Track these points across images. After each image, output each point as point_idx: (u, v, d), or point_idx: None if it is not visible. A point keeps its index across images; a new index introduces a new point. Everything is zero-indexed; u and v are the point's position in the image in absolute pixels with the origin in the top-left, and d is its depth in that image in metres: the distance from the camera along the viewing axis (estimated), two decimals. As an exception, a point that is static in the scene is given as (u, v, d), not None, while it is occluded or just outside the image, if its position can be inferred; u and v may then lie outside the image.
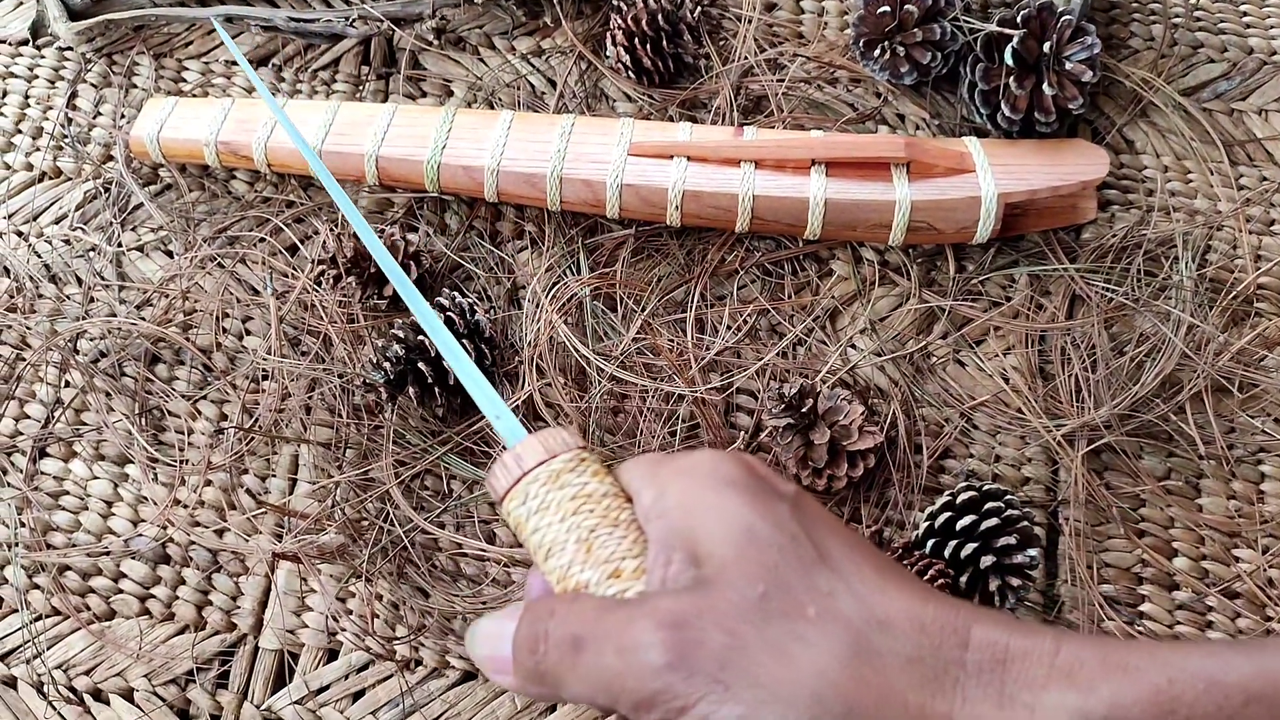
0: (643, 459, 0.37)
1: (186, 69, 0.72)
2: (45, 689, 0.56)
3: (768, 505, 0.33)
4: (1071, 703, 0.29)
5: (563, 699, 0.34)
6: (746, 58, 0.68)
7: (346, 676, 0.56)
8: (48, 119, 0.70)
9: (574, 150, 0.62)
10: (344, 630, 0.57)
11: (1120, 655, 0.30)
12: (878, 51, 0.66)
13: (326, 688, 0.56)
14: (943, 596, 0.32)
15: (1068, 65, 0.62)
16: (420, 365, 0.57)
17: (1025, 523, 0.54)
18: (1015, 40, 0.62)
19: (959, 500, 0.55)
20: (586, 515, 0.35)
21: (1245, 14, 0.70)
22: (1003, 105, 0.63)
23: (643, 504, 0.35)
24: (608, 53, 0.69)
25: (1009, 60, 0.62)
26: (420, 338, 0.57)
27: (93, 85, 0.71)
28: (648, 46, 0.66)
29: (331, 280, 0.62)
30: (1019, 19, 0.62)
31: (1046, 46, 0.62)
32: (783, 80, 0.68)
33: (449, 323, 0.58)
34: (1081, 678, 0.30)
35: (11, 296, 0.65)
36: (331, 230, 0.64)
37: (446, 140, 0.63)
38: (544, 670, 0.33)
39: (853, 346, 0.61)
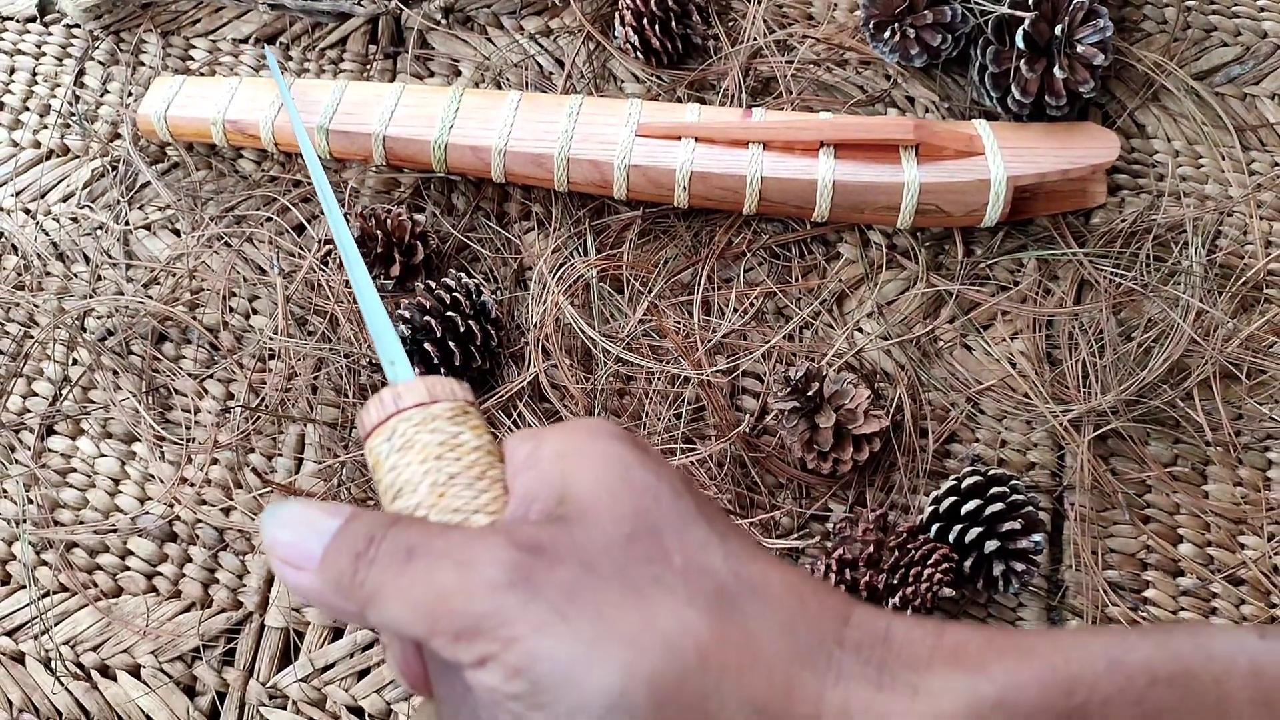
0: (526, 429, 0.33)
1: (194, 46, 0.72)
2: (53, 665, 0.57)
3: (651, 458, 0.30)
4: (960, 684, 0.26)
5: (364, 620, 0.29)
6: (755, 39, 0.68)
7: (351, 655, 0.56)
8: (55, 96, 0.70)
9: (581, 131, 0.61)
10: (349, 609, 0.57)
11: (1012, 639, 0.28)
12: (888, 33, 0.65)
13: (332, 665, 0.56)
14: (822, 581, 0.30)
15: (1079, 48, 0.62)
16: (426, 346, 0.57)
17: (1030, 508, 0.54)
18: (1026, 23, 0.61)
19: (964, 485, 0.54)
20: (450, 462, 0.32)
21: (1259, -3, 0.70)
22: (1013, 88, 0.62)
23: (515, 460, 0.32)
24: (616, 33, 0.69)
25: (1020, 43, 0.61)
26: (427, 318, 0.57)
27: (100, 63, 0.71)
28: (656, 27, 0.66)
29: (338, 260, 0.62)
30: (1031, 1, 0.61)
31: (1058, 29, 0.61)
32: (792, 62, 0.67)
33: (455, 304, 0.58)
34: (970, 658, 0.27)
35: (19, 274, 0.65)
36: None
37: (454, 120, 0.62)
38: (360, 579, 0.28)
39: (859, 330, 0.61)
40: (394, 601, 0.28)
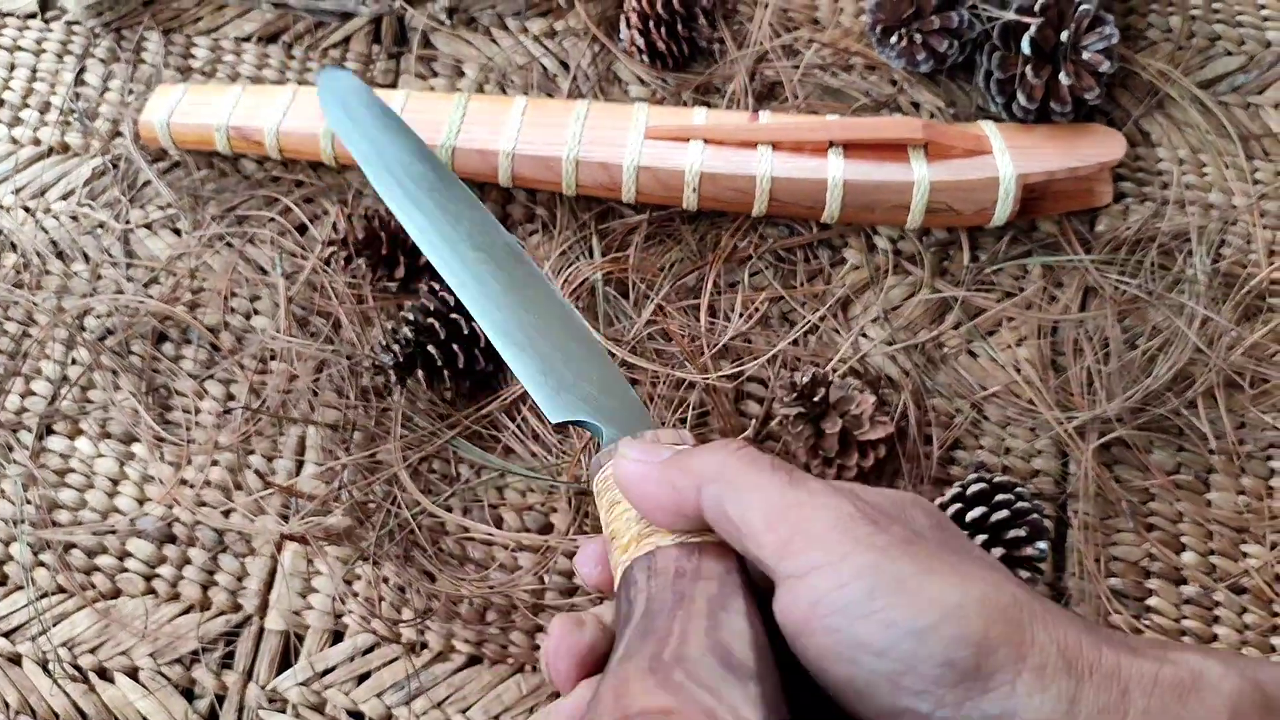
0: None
1: (195, 45, 0.71)
2: (50, 667, 0.56)
3: None
4: (1212, 665, 0.29)
5: (724, 483, 0.33)
6: (761, 43, 0.68)
7: (352, 659, 0.56)
8: (55, 94, 0.70)
9: (590, 134, 0.61)
10: (350, 612, 0.56)
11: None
12: (894, 39, 0.65)
13: (332, 669, 0.56)
14: None
15: (1085, 55, 0.62)
16: (430, 348, 0.56)
17: (1035, 515, 0.54)
18: (1033, 29, 0.61)
19: (969, 491, 0.54)
20: None
21: (1263, 7, 0.70)
22: (1019, 94, 0.62)
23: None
24: (621, 35, 0.68)
25: (1026, 49, 0.61)
26: (430, 320, 0.57)
27: (101, 60, 0.71)
28: (662, 30, 0.66)
29: (342, 261, 0.62)
30: (1037, 8, 0.61)
31: (1064, 36, 0.61)
32: (798, 66, 0.67)
33: (459, 306, 0.58)
34: (1210, 651, 0.31)
35: (18, 272, 0.64)
36: (342, 211, 0.63)
37: (461, 125, 0.62)
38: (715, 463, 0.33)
39: (864, 335, 0.61)
40: (740, 486, 0.32)
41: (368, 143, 0.56)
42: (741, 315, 0.61)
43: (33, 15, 0.73)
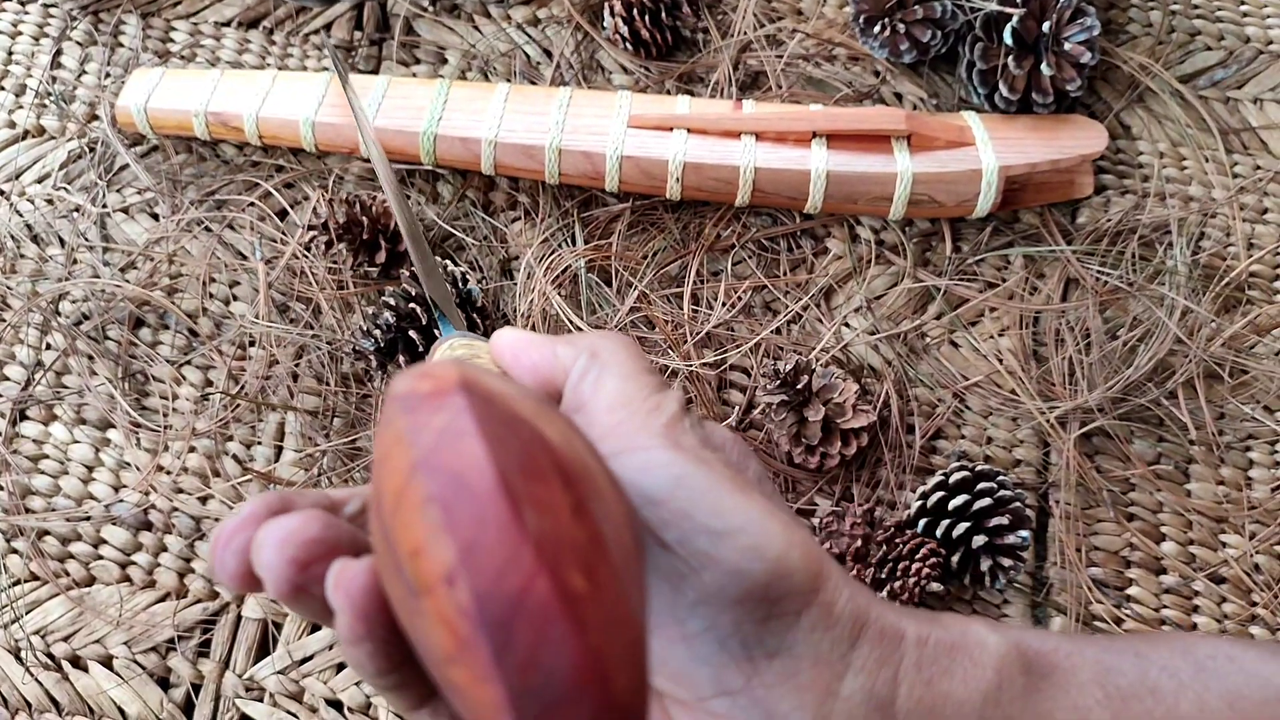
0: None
1: (174, 29, 0.70)
2: (23, 655, 0.55)
3: None
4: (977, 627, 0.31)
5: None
6: (745, 33, 0.68)
7: (330, 647, 0.55)
8: (31, 76, 0.69)
9: (572, 122, 0.61)
10: (329, 600, 0.56)
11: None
12: (878, 29, 0.65)
13: (310, 658, 0.55)
14: None
15: (1067, 46, 0.62)
16: (411, 333, 0.56)
17: (1018, 503, 0.54)
18: (1015, 20, 0.61)
19: (952, 480, 0.54)
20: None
21: (1242, 2, 0.70)
22: (1000, 85, 0.62)
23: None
24: (605, 24, 0.68)
25: (1008, 40, 0.62)
26: (412, 305, 0.57)
27: (78, 43, 0.70)
28: (646, 18, 0.65)
29: (322, 247, 0.61)
30: (1020, -1, 0.62)
31: (1046, 27, 0.61)
32: (781, 56, 0.67)
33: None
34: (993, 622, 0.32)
35: (-8, 256, 0.63)
36: (323, 196, 0.63)
37: (442, 112, 0.62)
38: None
39: (847, 325, 0.61)
40: (601, 372, 0.31)
41: None
42: (724, 304, 0.61)
43: (8, -3, 0.72)
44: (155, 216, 0.64)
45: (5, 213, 0.64)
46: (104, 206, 0.64)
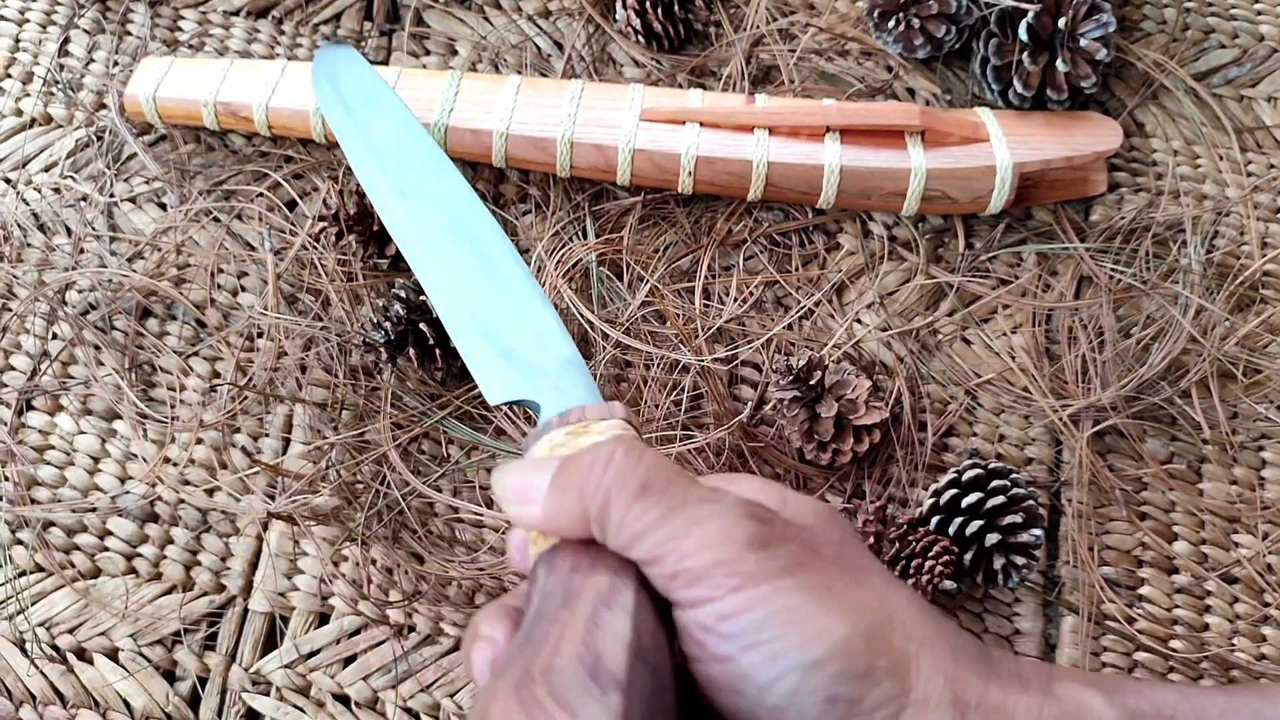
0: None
1: (183, 18, 0.70)
2: (28, 647, 0.55)
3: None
4: (1092, 696, 0.30)
5: (603, 518, 0.31)
6: (758, 26, 0.67)
7: (338, 641, 0.55)
8: (39, 64, 0.68)
9: (584, 115, 0.60)
10: (336, 594, 0.55)
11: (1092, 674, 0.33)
12: (892, 23, 0.65)
13: (317, 652, 0.55)
14: None
15: (1082, 42, 0.62)
16: (421, 326, 0.56)
17: (1031, 501, 0.54)
18: (1030, 15, 0.61)
19: (964, 477, 0.54)
20: None
21: (1257, 0, 0.70)
22: (1015, 81, 0.62)
23: (711, 481, 0.36)
24: (617, 16, 0.68)
25: (1023, 35, 0.61)
26: (423, 298, 0.56)
27: (86, 31, 0.69)
28: (658, 11, 0.65)
29: (332, 238, 0.61)
30: (1035, -5, 0.61)
31: (1061, 22, 0.61)
32: (794, 51, 0.67)
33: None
34: (1089, 680, 0.31)
35: (-2, 245, 0.63)
36: (333, 187, 0.62)
37: (454, 104, 0.61)
38: (593, 489, 0.31)
39: (859, 321, 0.61)
40: (620, 523, 0.30)
41: (352, 121, 0.55)
42: (736, 299, 0.61)
43: (15, -15, 0.71)
44: (163, 206, 0.64)
45: (12, 201, 0.64)
46: (111, 196, 0.64)
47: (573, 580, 0.31)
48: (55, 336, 0.61)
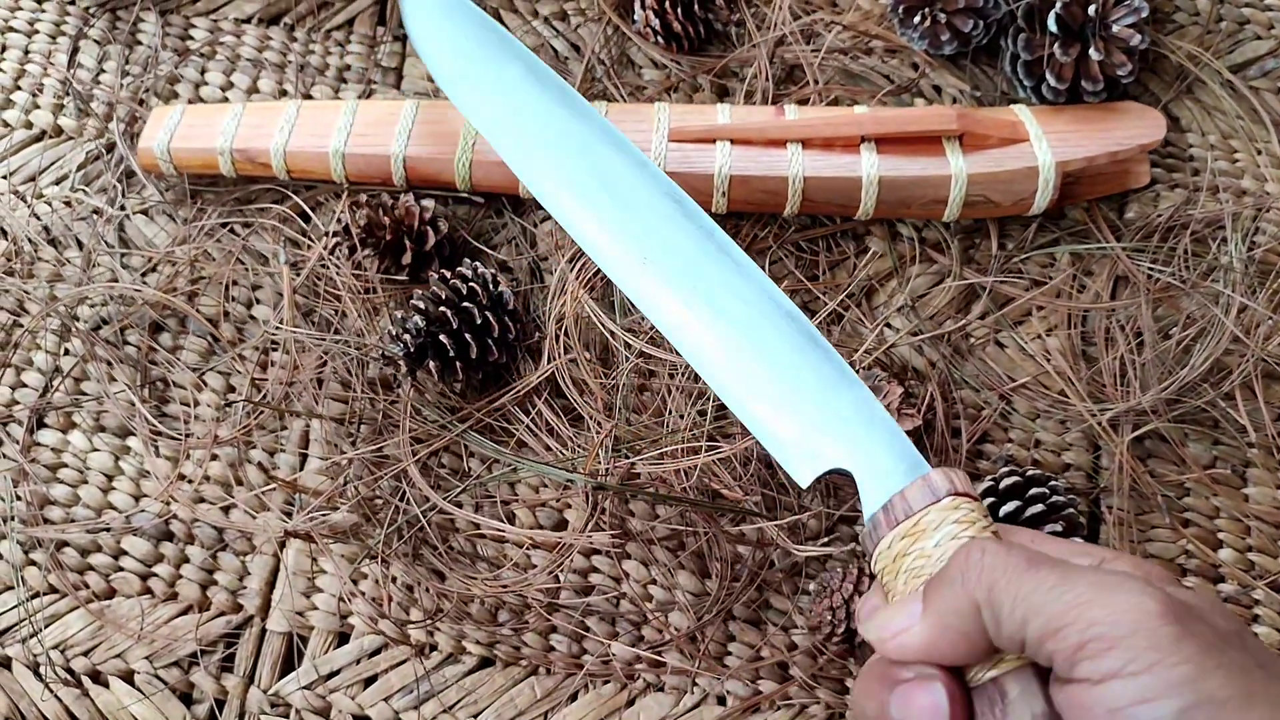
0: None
1: (194, 26, 0.69)
2: (42, 670, 0.54)
3: None
4: None
5: (994, 599, 0.30)
6: (780, 26, 0.66)
7: (358, 661, 0.54)
8: (49, 76, 0.67)
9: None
10: (356, 613, 0.54)
11: None
12: (917, 19, 0.63)
13: (337, 672, 0.54)
14: None
15: (1115, 30, 0.60)
16: (442, 338, 0.54)
17: (1071, 510, 0.52)
18: (1059, 5, 0.59)
19: (1002, 485, 0.52)
20: None
21: (1293, -10, 0.68)
22: (1048, 75, 0.60)
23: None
24: (635, 17, 0.66)
25: (1053, 27, 0.59)
26: (442, 309, 0.55)
27: (96, 42, 0.68)
28: (678, 11, 0.63)
29: (346, 250, 0.59)
30: (1064, -14, 0.60)
31: (1091, 10, 0.59)
32: (818, 50, 0.65)
33: (471, 294, 0.55)
34: None
35: (9, 260, 0.62)
36: (347, 197, 0.61)
37: (476, 136, 0.59)
38: (974, 578, 0.30)
39: (889, 326, 0.59)
40: (1016, 597, 0.29)
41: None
42: (762, 304, 0.59)
43: (25, -5, 0.70)
44: (175, 220, 0.63)
45: (22, 215, 0.63)
46: (123, 208, 0.63)
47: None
48: (67, 352, 0.60)
